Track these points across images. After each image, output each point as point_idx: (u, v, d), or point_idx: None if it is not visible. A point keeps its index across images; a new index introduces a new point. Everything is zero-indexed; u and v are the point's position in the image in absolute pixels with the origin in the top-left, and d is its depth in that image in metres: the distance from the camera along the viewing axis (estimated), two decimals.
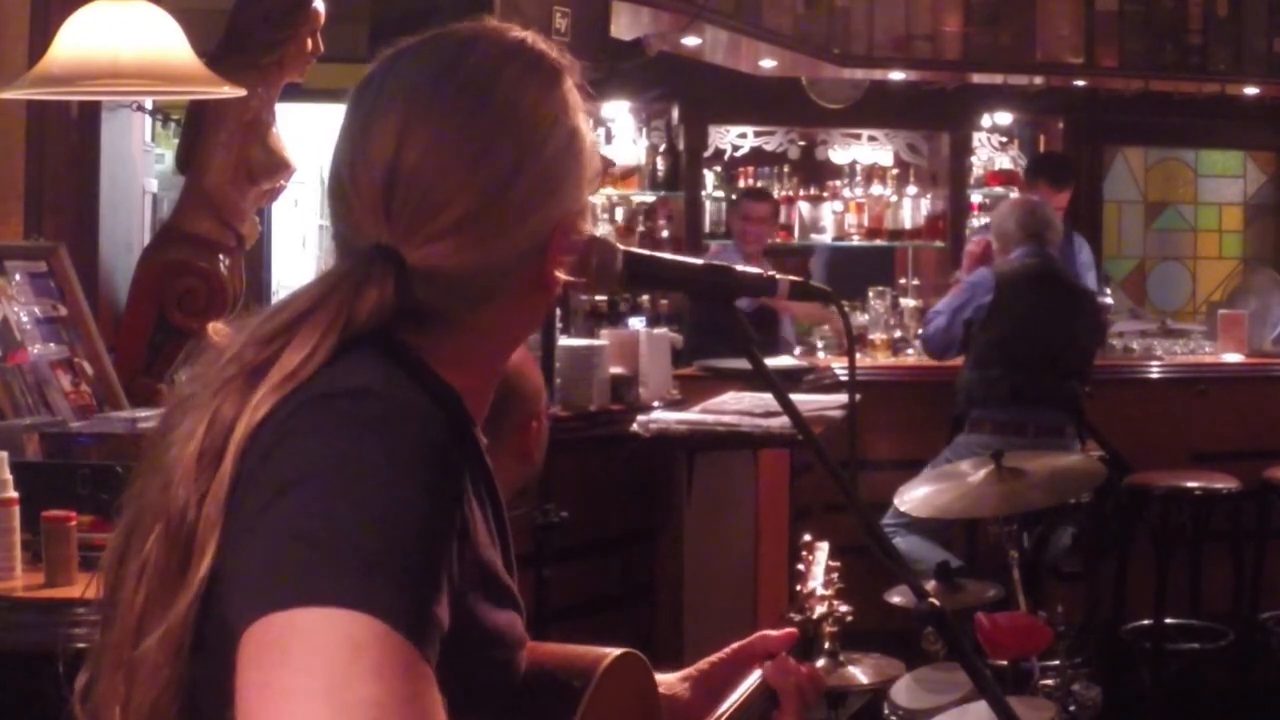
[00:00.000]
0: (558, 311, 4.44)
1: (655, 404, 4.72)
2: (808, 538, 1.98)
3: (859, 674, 3.60)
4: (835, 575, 1.93)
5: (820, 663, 1.81)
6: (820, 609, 1.85)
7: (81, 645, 1.22)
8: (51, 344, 3.23)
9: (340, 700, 0.94)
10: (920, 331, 5.78)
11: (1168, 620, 5.41)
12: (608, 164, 1.40)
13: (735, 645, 1.75)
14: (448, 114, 1.24)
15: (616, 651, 1.42)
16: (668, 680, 1.70)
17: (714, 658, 1.75)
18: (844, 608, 1.89)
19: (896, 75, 6.56)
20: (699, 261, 1.58)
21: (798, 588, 1.88)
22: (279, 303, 1.21)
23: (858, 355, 6.04)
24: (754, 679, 1.71)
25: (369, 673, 0.96)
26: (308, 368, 1.14)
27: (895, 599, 3.79)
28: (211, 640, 1.09)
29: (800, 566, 1.93)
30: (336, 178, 1.26)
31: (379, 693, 0.95)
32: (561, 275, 1.30)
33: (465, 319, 1.25)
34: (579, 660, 1.40)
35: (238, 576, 1.05)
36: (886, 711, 3.68)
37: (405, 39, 1.31)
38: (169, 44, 3.10)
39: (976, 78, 6.73)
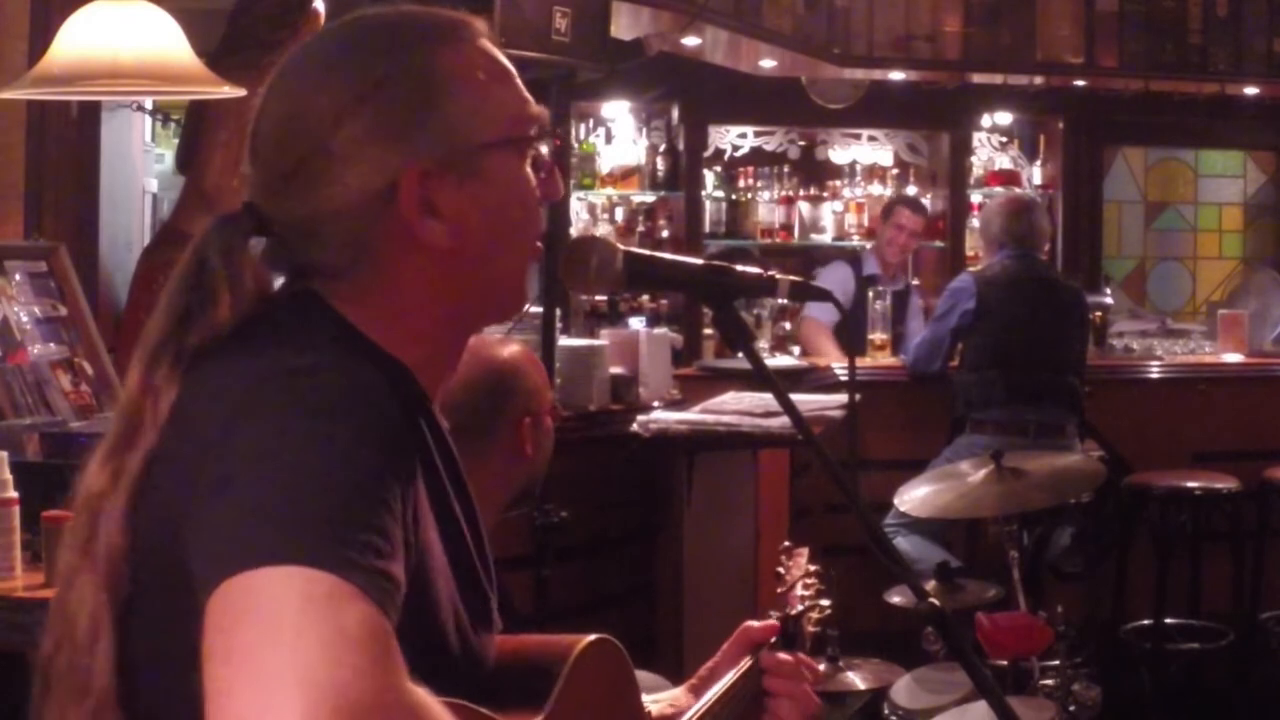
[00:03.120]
0: (558, 311, 4.44)
1: (655, 404, 4.72)
2: (787, 544, 2.01)
3: (857, 679, 3.60)
4: (815, 577, 1.95)
5: (820, 667, 1.83)
6: (800, 606, 1.88)
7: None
8: (51, 344, 3.23)
9: (299, 650, 0.96)
10: (903, 353, 5.83)
11: (1168, 620, 5.40)
12: (538, 115, 1.35)
13: (724, 646, 1.79)
14: (290, 69, 1.31)
15: (591, 637, 1.44)
16: (674, 694, 1.74)
17: (709, 663, 1.78)
18: (824, 602, 1.92)
19: (896, 75, 6.56)
20: (699, 261, 1.58)
21: (778, 589, 1.91)
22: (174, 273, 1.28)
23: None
24: (740, 667, 1.74)
25: (326, 623, 0.97)
26: (208, 330, 1.22)
27: (895, 599, 3.79)
28: (180, 622, 1.09)
29: (780, 570, 1.95)
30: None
31: (337, 641, 0.97)
32: (454, 236, 1.29)
33: (364, 277, 1.28)
34: (554, 645, 1.42)
35: (201, 552, 1.06)
36: (886, 711, 3.68)
37: None
38: (169, 44, 3.10)
39: (976, 78, 6.73)
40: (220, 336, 1.22)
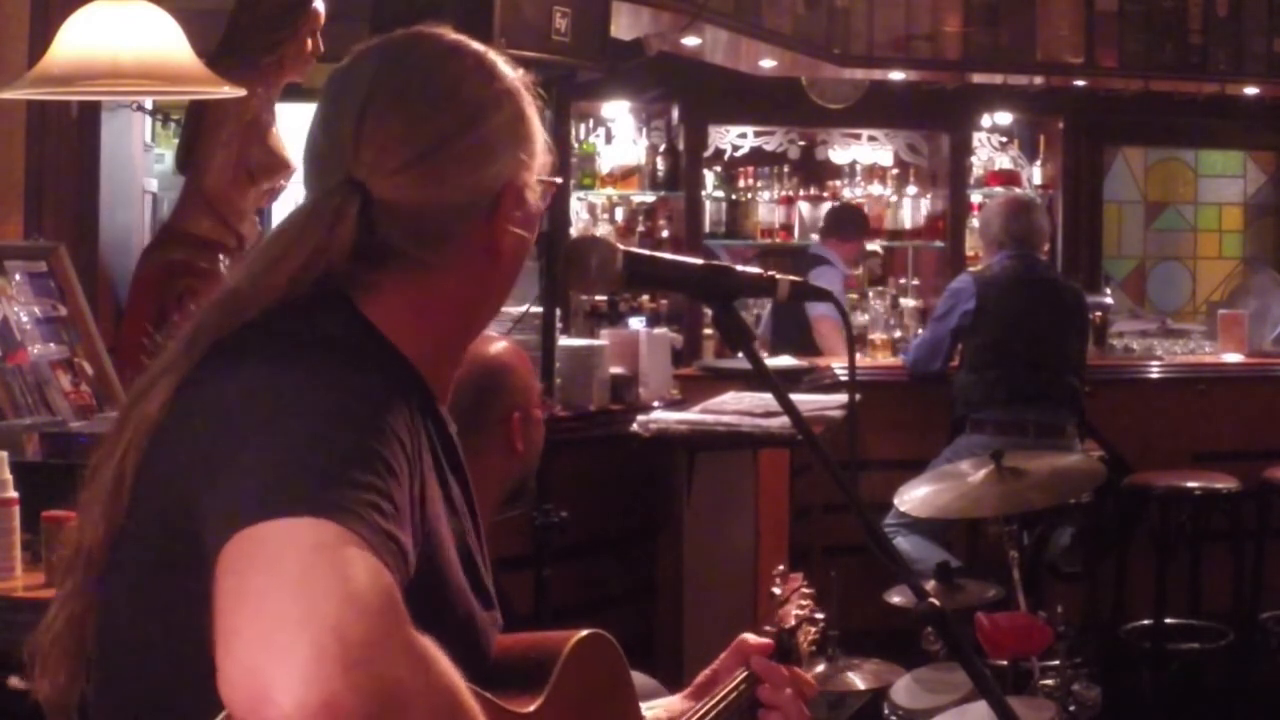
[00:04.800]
0: (558, 311, 4.44)
1: (655, 404, 4.72)
2: (781, 568, 2.03)
3: (857, 679, 3.60)
4: (809, 600, 1.96)
5: (820, 667, 1.84)
6: (792, 622, 1.89)
7: None
8: (51, 344, 3.23)
9: (308, 593, 0.99)
10: (903, 354, 5.83)
11: (1168, 620, 5.40)
12: (555, 165, 1.51)
13: (721, 656, 1.81)
14: (407, 81, 1.36)
15: (584, 631, 1.48)
16: (670, 701, 1.74)
17: (705, 672, 1.80)
18: (819, 616, 1.93)
19: (896, 75, 6.56)
20: (699, 261, 1.58)
21: (772, 606, 1.92)
22: (273, 232, 1.34)
23: (857, 355, 6.06)
24: (737, 677, 1.74)
25: (332, 569, 1.01)
26: (263, 297, 1.26)
27: (895, 599, 3.79)
28: (190, 580, 1.12)
29: (775, 590, 1.96)
30: (310, 139, 1.38)
31: (344, 585, 1.00)
32: (512, 248, 1.36)
33: (417, 268, 1.33)
34: (548, 641, 1.46)
35: (214, 514, 1.10)
36: (886, 712, 3.68)
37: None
38: (169, 44, 3.10)
39: (976, 78, 6.73)
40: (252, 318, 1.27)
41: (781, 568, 2.04)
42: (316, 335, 1.26)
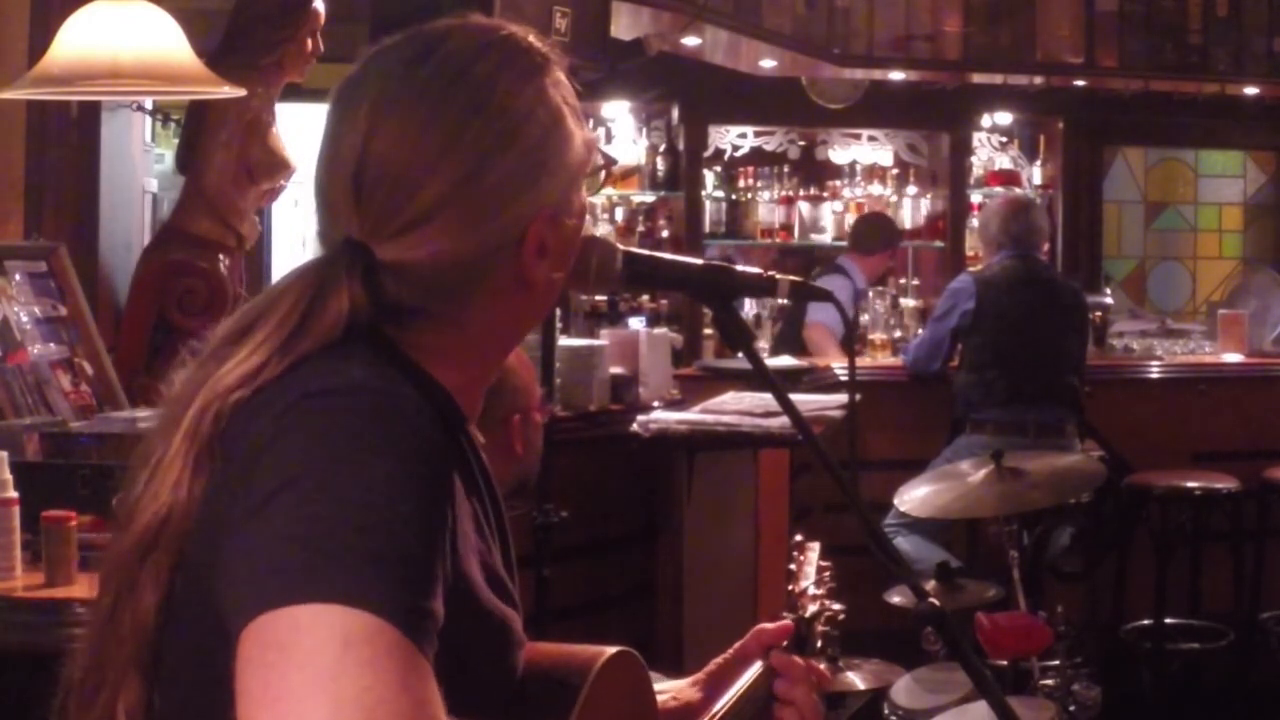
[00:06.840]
0: (558, 311, 4.44)
1: (655, 404, 4.73)
2: (799, 538, 1.99)
3: (857, 679, 3.60)
4: (827, 574, 1.93)
5: (819, 667, 1.81)
6: (813, 608, 1.86)
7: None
8: (51, 344, 3.23)
9: (338, 695, 0.95)
10: (903, 353, 5.83)
11: (1168, 620, 5.41)
12: (609, 162, 1.40)
13: (736, 645, 1.77)
14: (416, 101, 1.23)
15: (612, 650, 1.42)
16: (678, 685, 1.72)
17: (719, 659, 1.76)
18: (836, 606, 1.90)
19: (896, 75, 6.56)
20: (698, 261, 1.58)
21: (790, 587, 1.89)
22: (255, 300, 1.23)
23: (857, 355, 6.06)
24: (754, 669, 1.72)
25: (366, 667, 0.96)
26: (269, 369, 1.16)
27: (895, 599, 3.79)
28: (205, 644, 1.09)
29: (792, 566, 1.94)
30: (315, 178, 1.27)
31: (376, 686, 0.96)
32: (548, 273, 1.28)
33: (444, 315, 1.25)
34: (574, 659, 1.41)
35: (234, 577, 1.04)
36: (886, 711, 3.68)
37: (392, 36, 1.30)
38: (169, 44, 3.10)
39: (976, 78, 6.73)
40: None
41: (799, 538, 2.01)
42: (341, 369, 1.15)
